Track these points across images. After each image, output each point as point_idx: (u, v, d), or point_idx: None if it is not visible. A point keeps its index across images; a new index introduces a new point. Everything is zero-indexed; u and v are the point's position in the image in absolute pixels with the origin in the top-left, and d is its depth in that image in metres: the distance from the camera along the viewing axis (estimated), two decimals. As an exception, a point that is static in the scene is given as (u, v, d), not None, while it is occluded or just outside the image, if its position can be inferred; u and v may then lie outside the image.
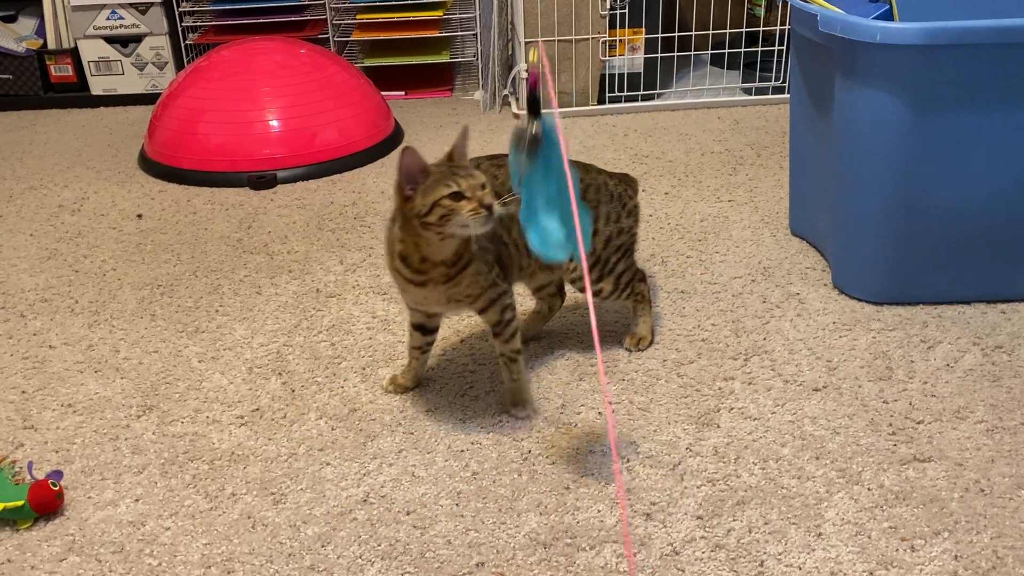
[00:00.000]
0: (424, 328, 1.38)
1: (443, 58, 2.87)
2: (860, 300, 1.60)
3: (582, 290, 1.43)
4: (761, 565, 1.07)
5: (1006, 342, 1.47)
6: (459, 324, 1.59)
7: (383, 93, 2.58)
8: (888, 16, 1.62)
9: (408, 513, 1.17)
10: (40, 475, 1.21)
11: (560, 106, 2.62)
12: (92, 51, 2.85)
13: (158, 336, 1.59)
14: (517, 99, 2.67)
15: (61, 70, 2.88)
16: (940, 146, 1.45)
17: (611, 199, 1.40)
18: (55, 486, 1.18)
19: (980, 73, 1.40)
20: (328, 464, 1.26)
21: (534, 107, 1.06)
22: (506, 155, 1.11)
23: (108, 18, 2.80)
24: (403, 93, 2.87)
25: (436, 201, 1.17)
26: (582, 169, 1.39)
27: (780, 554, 1.09)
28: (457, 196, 1.16)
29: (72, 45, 2.87)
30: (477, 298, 1.28)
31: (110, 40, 2.84)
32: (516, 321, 1.32)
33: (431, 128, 2.58)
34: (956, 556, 1.07)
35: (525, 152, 1.05)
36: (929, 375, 1.40)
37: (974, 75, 1.40)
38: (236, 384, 1.45)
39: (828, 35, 1.47)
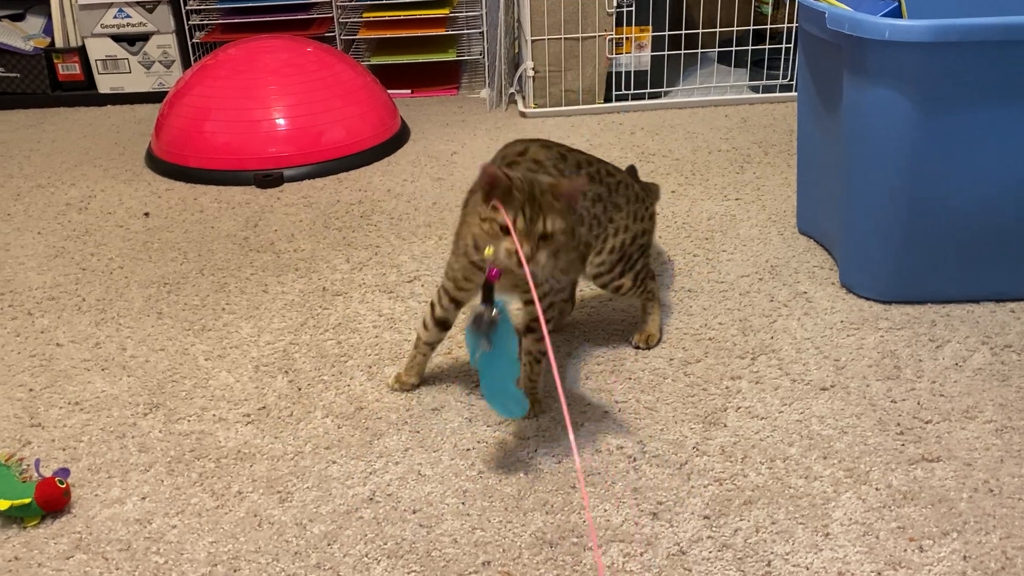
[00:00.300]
0: (446, 323, 1.37)
1: (449, 56, 2.87)
2: (868, 299, 1.59)
3: (604, 286, 1.43)
4: (768, 565, 1.07)
5: (1015, 341, 1.46)
6: (464, 321, 1.58)
7: (389, 91, 2.58)
8: (896, 13, 1.61)
9: (414, 512, 1.17)
10: (47, 473, 1.21)
11: (567, 104, 2.61)
12: (99, 49, 2.86)
13: (165, 334, 1.60)
14: (523, 97, 2.66)
15: (69, 68, 2.89)
16: (948, 144, 1.45)
17: (636, 199, 1.43)
18: (62, 484, 1.18)
19: (988, 70, 1.39)
20: (334, 462, 1.26)
21: (488, 295, 1.16)
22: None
23: (115, 16, 2.81)
24: (409, 91, 2.87)
25: (490, 219, 1.13)
26: (612, 168, 1.44)
27: (787, 554, 1.08)
28: (506, 229, 1.12)
29: (80, 43, 2.88)
30: (539, 284, 1.25)
31: (117, 38, 2.84)
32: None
33: (438, 126, 2.58)
34: (965, 556, 1.07)
35: (484, 334, 1.15)
36: (937, 374, 1.39)
37: (982, 72, 1.39)
38: (242, 382, 1.45)
39: (836, 32, 1.46)
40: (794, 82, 2.58)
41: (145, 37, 2.85)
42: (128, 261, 1.87)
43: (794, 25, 2.53)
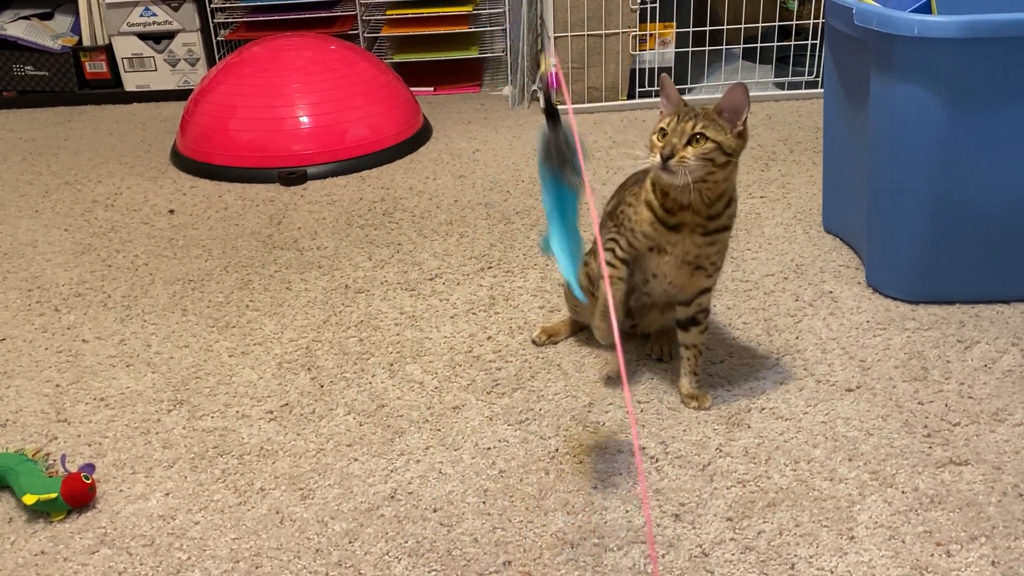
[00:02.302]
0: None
1: (472, 54, 2.87)
2: (895, 299, 1.57)
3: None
4: (792, 568, 1.06)
5: (1046, 343, 1.44)
6: (486, 320, 1.58)
7: (412, 89, 2.58)
8: (926, 9, 1.59)
9: (435, 510, 1.17)
10: (73, 468, 1.23)
11: (589, 101, 2.60)
12: (126, 48, 2.89)
13: (189, 331, 1.61)
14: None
15: (96, 67, 2.92)
16: (978, 142, 1.42)
17: None
18: (87, 479, 1.19)
19: (1020, 68, 1.36)
20: (356, 460, 1.27)
21: (551, 108, 1.09)
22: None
23: (141, 15, 2.84)
24: (432, 89, 2.87)
25: (655, 128, 1.20)
26: None
27: (811, 557, 1.07)
28: (662, 133, 1.19)
29: (106, 42, 2.91)
30: (712, 274, 1.29)
31: (143, 37, 2.87)
32: None
33: (460, 124, 2.58)
34: (994, 562, 1.05)
35: (557, 161, 1.08)
36: (966, 376, 1.37)
37: (1014, 70, 1.36)
38: (265, 379, 1.46)
39: (864, 29, 1.44)
40: (820, 79, 2.55)
41: (170, 35, 2.87)
42: (153, 258, 1.89)
43: (820, 21, 2.50)
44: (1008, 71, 1.37)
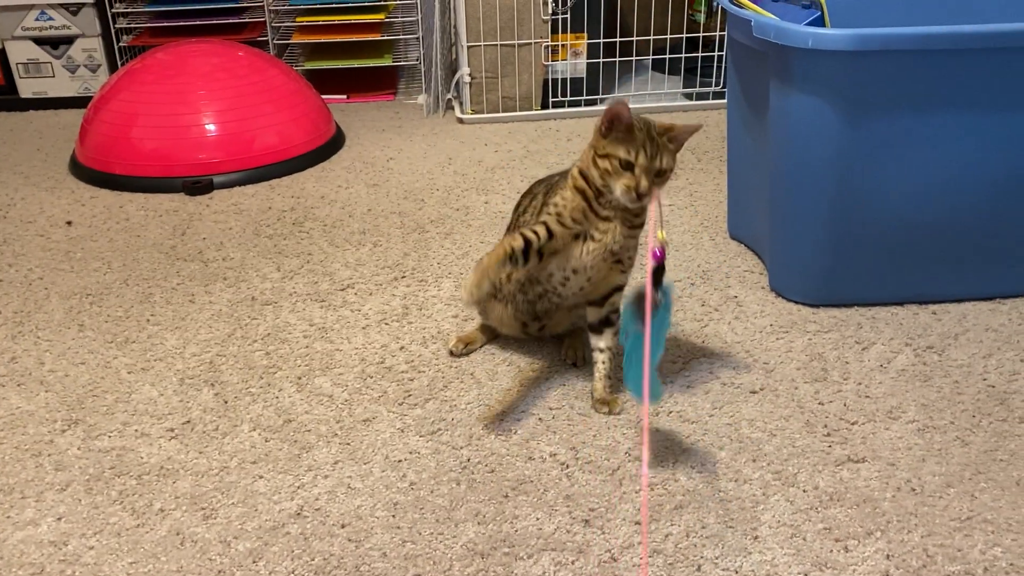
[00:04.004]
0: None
1: (385, 61, 2.85)
2: (796, 303, 1.62)
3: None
4: (698, 569, 1.07)
5: (936, 342, 1.50)
6: (399, 330, 1.56)
7: (325, 97, 2.54)
8: (820, 22, 1.64)
9: (343, 526, 1.15)
10: (-45, 495, 1.16)
11: (504, 110, 2.61)
12: (20, 53, 2.76)
13: (86, 347, 1.54)
14: (460, 103, 2.65)
15: (-12, 72, 2.78)
16: (872, 150, 1.48)
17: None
18: (-29, 506, 1.13)
19: (909, 78, 1.42)
20: (261, 477, 1.23)
21: (658, 277, 1.17)
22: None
23: (37, 19, 2.72)
24: (345, 97, 2.84)
25: (610, 155, 1.21)
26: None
27: (717, 558, 1.09)
28: (627, 165, 1.20)
29: (-1, 47, 2.78)
30: (626, 270, 1.33)
31: (39, 41, 2.75)
32: None
33: (374, 132, 2.55)
34: (888, 555, 1.09)
35: (644, 315, 1.14)
36: (863, 376, 1.42)
37: (903, 80, 1.42)
38: (167, 396, 1.41)
39: (762, 40, 1.48)
40: (725, 89, 2.62)
41: (69, 40, 2.76)
42: (48, 272, 1.80)
43: (725, 33, 2.57)
44: (898, 82, 1.43)
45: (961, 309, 1.59)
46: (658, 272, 1.18)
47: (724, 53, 2.63)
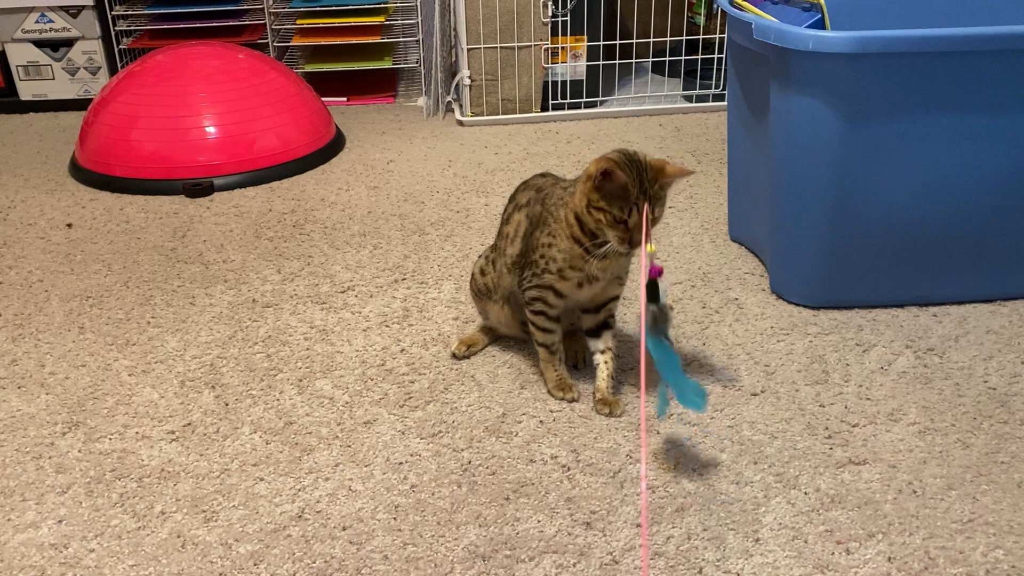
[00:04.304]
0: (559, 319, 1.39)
1: (385, 64, 2.85)
2: (797, 304, 1.62)
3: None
4: (700, 572, 1.07)
5: (937, 344, 1.50)
6: (399, 332, 1.56)
7: (325, 99, 2.54)
8: (821, 25, 1.65)
9: (344, 528, 1.15)
10: (-45, 498, 1.16)
11: (503, 113, 2.61)
12: (20, 55, 2.76)
13: (86, 349, 1.54)
14: (460, 106, 2.65)
15: (-12, 75, 2.78)
16: (872, 152, 1.48)
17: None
18: (-29, 509, 1.13)
19: (909, 81, 1.43)
20: (262, 480, 1.23)
21: (654, 292, 1.18)
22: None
23: (37, 21, 2.72)
24: (345, 99, 2.84)
25: (604, 209, 1.21)
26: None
27: (718, 560, 1.09)
28: (621, 221, 1.21)
29: (-1, 49, 2.78)
30: (624, 282, 1.36)
31: (40, 44, 2.75)
32: None
33: (374, 134, 2.55)
34: (890, 558, 1.09)
35: (663, 333, 1.19)
36: (864, 378, 1.42)
37: (903, 83, 1.43)
38: (167, 398, 1.40)
39: (762, 43, 1.48)
40: (726, 92, 2.62)
41: (69, 43, 2.76)
42: (49, 274, 1.80)
43: (725, 35, 2.57)
44: (898, 84, 1.43)
45: (962, 311, 1.59)
46: (653, 285, 1.19)
47: (724, 55, 2.63)
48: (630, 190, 1.19)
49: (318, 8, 2.82)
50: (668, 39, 2.71)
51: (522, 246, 1.36)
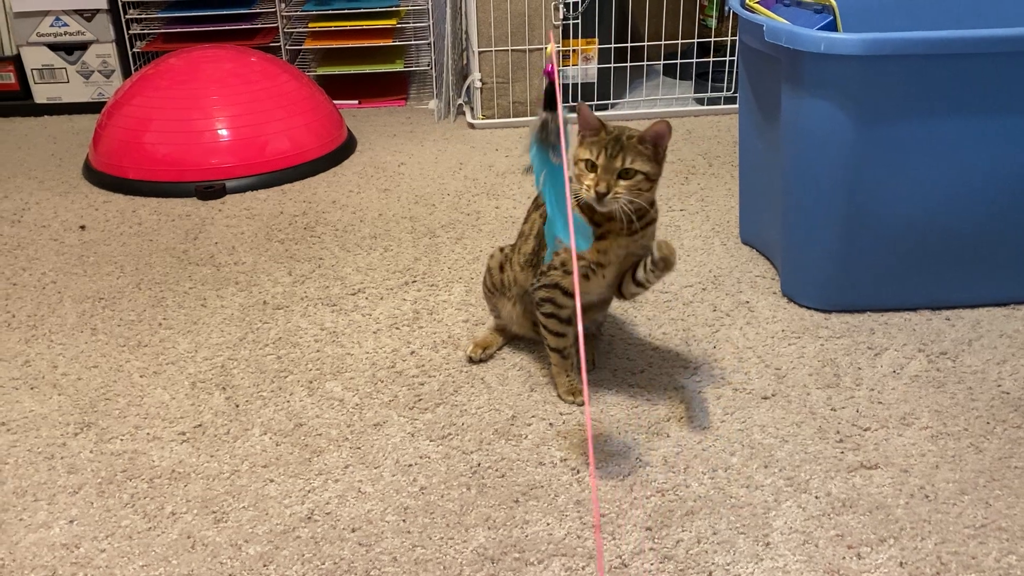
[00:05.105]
0: (570, 320, 1.36)
1: (397, 67, 2.86)
2: (808, 308, 1.61)
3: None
4: (709, 576, 1.07)
5: (950, 348, 1.49)
6: (409, 334, 1.57)
7: (337, 102, 2.55)
8: (833, 27, 1.64)
9: (353, 530, 1.15)
10: (-32, 497, 1.17)
11: (514, 116, 2.61)
12: (35, 58, 2.78)
13: (98, 351, 1.55)
14: (471, 108, 2.66)
15: (3, 78, 2.81)
16: (884, 155, 1.47)
17: None
18: (-16, 508, 1.14)
19: (921, 83, 1.42)
20: (272, 481, 1.23)
21: (551, 98, 1.09)
22: None
23: (52, 25, 2.74)
24: (357, 102, 2.85)
25: (578, 158, 1.24)
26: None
27: (728, 564, 1.08)
28: (590, 165, 1.23)
29: (15, 52, 2.80)
30: (649, 246, 1.29)
31: (54, 47, 2.77)
32: None
33: (385, 137, 2.56)
34: (901, 563, 1.08)
35: (552, 144, 1.09)
36: (876, 382, 1.41)
37: (915, 85, 1.42)
38: (178, 399, 1.41)
39: (774, 45, 1.48)
40: (737, 94, 2.62)
41: (83, 46, 2.78)
42: (62, 276, 1.81)
43: (736, 38, 2.57)
44: (910, 86, 1.42)
45: (975, 315, 1.58)
46: (550, 89, 1.09)
47: (735, 58, 2.62)
48: (601, 135, 1.23)
49: (330, 11, 2.83)
50: (679, 41, 2.70)
51: (535, 243, 1.36)
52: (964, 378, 1.41)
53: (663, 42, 2.69)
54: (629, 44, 2.67)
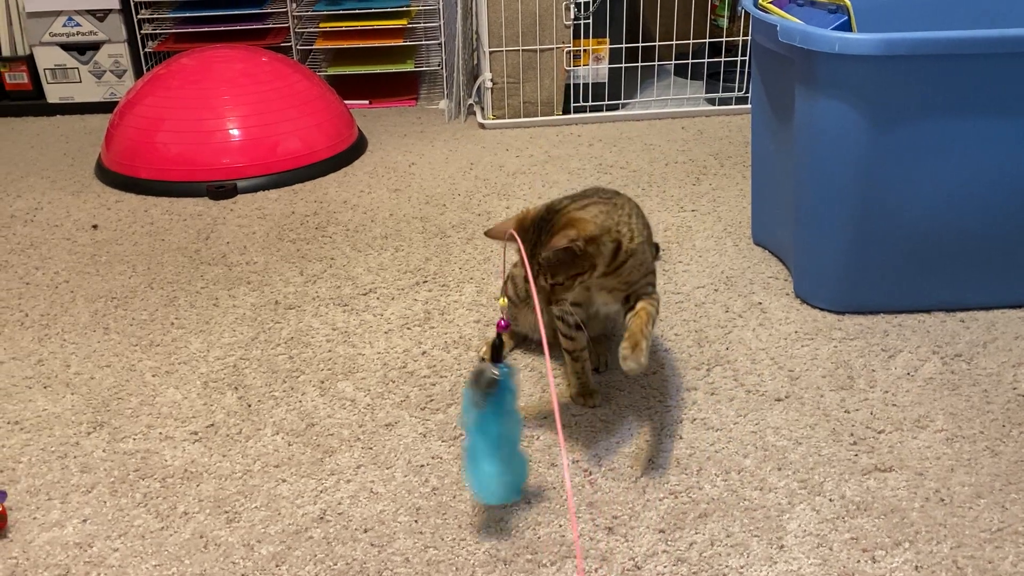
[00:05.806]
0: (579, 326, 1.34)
1: (408, 67, 2.86)
2: (822, 309, 1.61)
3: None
4: (723, 579, 1.06)
5: (965, 350, 1.48)
6: (420, 335, 1.56)
7: (347, 102, 2.55)
8: (847, 27, 1.63)
9: (366, 531, 1.15)
10: (-17, 496, 1.17)
11: (525, 116, 2.61)
12: (48, 58, 2.79)
13: (111, 350, 1.55)
14: (482, 108, 2.66)
15: (16, 78, 2.82)
16: (898, 156, 1.46)
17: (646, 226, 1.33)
18: (-2, 507, 1.14)
19: (936, 83, 1.41)
20: (284, 481, 1.23)
21: (497, 353, 1.12)
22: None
23: (64, 25, 2.75)
24: (367, 102, 2.85)
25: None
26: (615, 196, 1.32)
27: (742, 567, 1.08)
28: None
29: (27, 52, 2.81)
30: (639, 279, 1.25)
31: (67, 47, 2.78)
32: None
33: (396, 137, 2.56)
34: (917, 567, 1.07)
35: (481, 393, 1.08)
36: (890, 384, 1.40)
37: (930, 85, 1.41)
38: (191, 399, 1.41)
39: (787, 45, 1.47)
40: (749, 94, 2.61)
41: (96, 46, 2.79)
42: (74, 275, 1.82)
43: (749, 38, 2.56)
44: (925, 87, 1.41)
45: (990, 317, 1.57)
46: (497, 343, 1.12)
47: (748, 58, 2.61)
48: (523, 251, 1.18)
49: (341, 11, 2.83)
50: (691, 41, 2.70)
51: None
52: (979, 380, 1.40)
53: (674, 42, 2.69)
54: (640, 44, 2.67)
